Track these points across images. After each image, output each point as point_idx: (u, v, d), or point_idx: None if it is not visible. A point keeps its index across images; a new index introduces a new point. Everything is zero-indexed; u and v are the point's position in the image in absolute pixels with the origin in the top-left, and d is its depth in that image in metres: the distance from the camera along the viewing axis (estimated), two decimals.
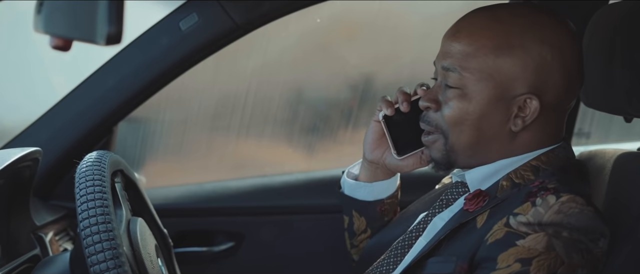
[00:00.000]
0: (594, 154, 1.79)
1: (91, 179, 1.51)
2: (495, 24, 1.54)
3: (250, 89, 2.95)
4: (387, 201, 1.82)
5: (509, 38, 1.52)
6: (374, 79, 3.02)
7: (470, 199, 1.56)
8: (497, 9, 1.58)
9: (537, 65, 1.51)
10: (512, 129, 1.55)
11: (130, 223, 1.60)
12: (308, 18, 2.79)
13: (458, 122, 1.55)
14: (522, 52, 1.51)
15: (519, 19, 1.54)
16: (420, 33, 2.90)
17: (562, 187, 1.48)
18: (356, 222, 1.84)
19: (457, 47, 1.54)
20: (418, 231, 1.66)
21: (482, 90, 1.53)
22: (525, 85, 1.52)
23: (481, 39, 1.53)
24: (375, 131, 1.75)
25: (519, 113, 1.53)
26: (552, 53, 1.52)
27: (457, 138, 1.56)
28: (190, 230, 2.44)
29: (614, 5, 1.72)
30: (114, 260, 1.38)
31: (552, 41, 1.52)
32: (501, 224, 1.45)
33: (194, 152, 3.02)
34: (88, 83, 2.22)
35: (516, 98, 1.53)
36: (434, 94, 1.59)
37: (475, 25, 1.55)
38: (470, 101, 1.53)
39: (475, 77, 1.53)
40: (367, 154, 1.77)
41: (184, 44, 2.19)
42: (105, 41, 1.12)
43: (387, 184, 1.82)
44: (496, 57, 1.52)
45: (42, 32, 1.18)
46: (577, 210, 1.43)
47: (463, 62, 1.53)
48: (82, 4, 1.14)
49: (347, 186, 1.84)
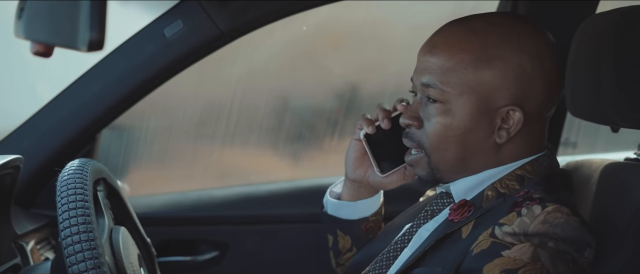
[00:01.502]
0: (580, 164, 1.79)
1: (73, 188, 1.49)
2: (472, 37, 1.52)
3: (236, 96, 2.94)
4: (372, 218, 1.81)
5: (487, 50, 1.51)
6: (360, 88, 3.02)
7: (455, 210, 1.55)
8: (473, 20, 1.56)
9: (517, 76, 1.51)
10: (497, 141, 1.54)
11: (112, 232, 1.59)
12: (294, 26, 2.78)
13: (442, 139, 1.54)
14: (502, 63, 1.50)
15: (496, 29, 1.53)
16: (406, 42, 2.91)
17: (547, 197, 1.47)
18: (341, 241, 1.83)
19: (435, 62, 1.53)
20: (403, 242, 1.65)
21: (464, 104, 1.51)
22: (507, 96, 1.51)
23: (459, 52, 1.51)
24: (356, 149, 1.73)
25: (503, 125, 1.53)
26: (531, 62, 1.51)
27: (442, 156, 1.55)
28: (174, 239, 2.43)
29: (601, 15, 1.72)
30: (96, 270, 1.37)
31: (531, 50, 1.52)
32: (487, 235, 1.44)
33: (178, 161, 3.01)
34: (71, 90, 2.21)
35: (499, 110, 1.52)
36: (415, 110, 1.58)
37: (451, 39, 1.54)
38: (454, 116, 1.52)
39: (456, 91, 1.51)
40: (350, 173, 1.75)
41: (168, 51, 2.18)
42: (87, 47, 1.11)
43: (370, 202, 1.80)
44: (476, 70, 1.51)
45: (23, 38, 1.17)
46: (562, 220, 1.42)
47: (442, 77, 1.52)
48: (63, 10, 1.12)
49: (330, 206, 1.82)
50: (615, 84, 1.59)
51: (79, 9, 1.11)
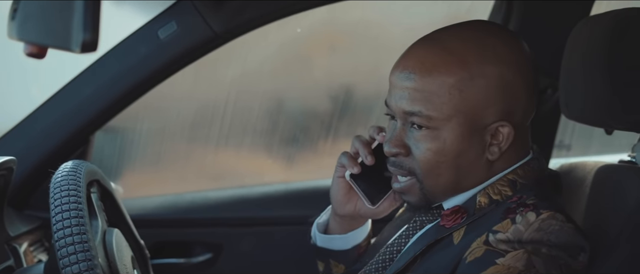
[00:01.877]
0: (574, 166, 1.79)
1: (66, 189, 1.49)
2: (450, 58, 1.46)
3: (230, 98, 2.94)
4: (364, 243, 1.78)
5: (468, 68, 1.46)
6: (354, 90, 3.02)
7: (448, 215, 1.53)
8: (445, 37, 1.51)
9: (500, 88, 1.47)
10: (489, 158, 1.51)
11: (106, 234, 1.59)
12: (288, 28, 2.78)
13: (434, 165, 1.49)
14: (484, 79, 1.46)
15: (471, 45, 1.48)
16: (400, 44, 2.90)
17: (541, 204, 1.46)
18: (334, 268, 1.79)
19: (415, 88, 1.47)
20: (392, 253, 1.62)
21: (453, 128, 1.47)
22: (495, 111, 1.48)
23: (439, 76, 1.45)
24: (341, 186, 1.68)
25: (493, 141, 1.50)
26: (511, 71, 1.48)
27: (435, 181, 1.51)
28: (168, 241, 2.43)
29: (594, 18, 1.73)
30: (89, 271, 1.37)
31: (509, 58, 1.48)
32: (480, 242, 1.43)
33: (172, 163, 3.01)
34: (64, 92, 2.21)
35: (488, 127, 1.49)
36: (400, 139, 1.51)
37: (428, 63, 1.47)
38: (444, 141, 1.48)
39: (443, 115, 1.46)
40: (339, 211, 1.71)
41: (162, 52, 2.18)
42: (81, 49, 1.11)
43: (361, 230, 1.77)
44: (461, 92, 1.46)
45: (16, 39, 1.17)
46: (557, 227, 1.42)
47: (427, 103, 1.46)
48: (57, 11, 1.12)
49: (319, 239, 1.79)
50: (609, 87, 1.59)
51: (73, 10, 1.11)
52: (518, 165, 1.54)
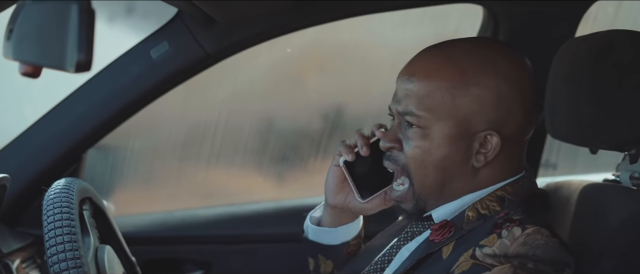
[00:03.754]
0: (560, 185, 1.81)
1: (59, 206, 1.50)
2: (450, 64, 1.53)
3: (221, 117, 2.95)
4: (353, 242, 1.81)
5: (465, 76, 1.52)
6: (343, 109, 3.03)
7: (436, 230, 1.56)
8: (450, 46, 1.58)
9: (495, 101, 1.52)
10: (475, 165, 1.55)
11: (98, 251, 1.59)
12: (278, 48, 2.80)
13: (421, 163, 1.54)
14: (479, 89, 1.51)
15: (473, 55, 1.54)
16: (389, 65, 2.92)
17: (527, 219, 1.48)
18: (323, 265, 1.82)
19: (412, 89, 1.54)
20: (383, 263, 1.65)
21: (441, 129, 1.52)
22: (485, 121, 1.52)
23: (437, 79, 1.52)
24: (336, 175, 1.72)
25: (481, 149, 1.54)
26: (509, 87, 1.52)
27: (423, 182, 1.56)
28: (159, 258, 2.43)
29: (579, 39, 1.75)
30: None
31: (509, 75, 1.53)
32: (467, 256, 1.45)
33: (163, 181, 3.01)
34: (58, 110, 2.22)
35: (477, 135, 1.53)
36: (394, 134, 1.58)
37: (429, 66, 1.54)
38: (432, 141, 1.53)
39: (434, 117, 1.52)
40: (330, 200, 1.74)
41: (154, 72, 2.19)
42: (75, 68, 1.12)
43: (351, 227, 1.80)
44: (453, 97, 1.51)
45: (12, 59, 1.18)
46: (542, 242, 1.43)
47: (420, 104, 1.53)
48: (52, 31, 1.13)
49: (311, 232, 1.82)
50: (594, 107, 1.61)
51: (67, 30, 1.12)
52: (507, 182, 1.57)
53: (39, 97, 2.36)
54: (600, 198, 1.66)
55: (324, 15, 2.27)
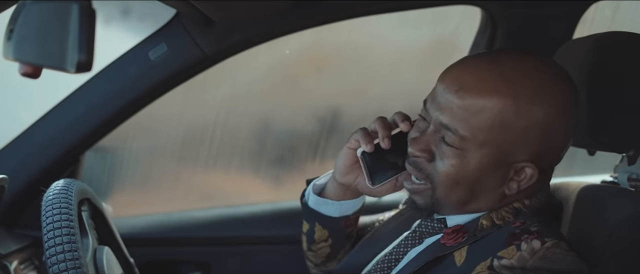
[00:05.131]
0: (558, 186, 1.81)
1: (58, 207, 1.50)
2: (505, 86, 1.43)
3: (219, 119, 2.95)
4: (353, 216, 1.78)
5: (518, 103, 1.43)
6: (341, 111, 3.03)
7: (450, 234, 1.54)
8: (506, 63, 1.47)
9: (541, 132, 1.45)
10: (506, 192, 1.51)
11: (96, 252, 1.59)
12: (277, 49, 2.80)
13: (452, 181, 1.48)
14: (529, 121, 1.44)
15: (529, 79, 1.44)
16: (388, 66, 2.93)
17: (545, 231, 1.46)
18: (318, 232, 1.79)
19: (460, 105, 1.45)
20: (390, 262, 1.63)
21: (482, 155, 1.46)
22: (527, 153, 1.46)
23: (489, 102, 1.43)
24: (348, 157, 1.65)
25: (515, 177, 1.49)
26: (557, 117, 1.46)
27: (447, 194, 1.51)
28: (157, 260, 2.43)
29: (576, 41, 1.76)
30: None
31: (560, 105, 1.46)
32: (484, 266, 1.44)
33: (161, 182, 3.01)
34: (56, 111, 2.21)
35: (515, 164, 1.47)
36: (427, 143, 1.50)
37: (483, 85, 1.44)
38: (469, 163, 1.46)
39: (477, 141, 1.45)
40: (339, 178, 1.69)
41: (152, 73, 2.19)
42: (76, 69, 1.12)
43: (354, 202, 1.76)
44: (501, 124, 1.43)
45: (12, 59, 1.18)
46: (560, 256, 1.43)
47: (465, 124, 1.44)
48: (52, 31, 1.14)
49: (312, 199, 1.77)
50: (592, 109, 1.62)
51: (68, 30, 1.12)
52: (526, 195, 1.53)
53: (37, 99, 2.36)
54: (598, 199, 1.67)
55: (322, 16, 2.27)
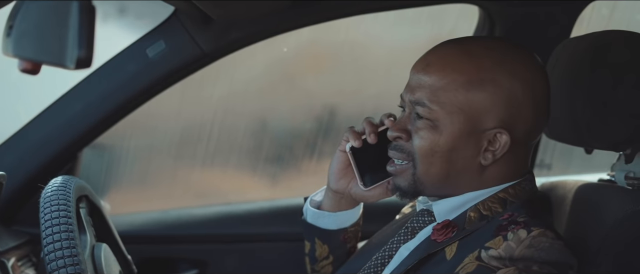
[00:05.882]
0: (555, 185, 1.82)
1: (56, 204, 1.50)
2: (467, 58, 1.52)
3: (216, 117, 2.95)
4: (351, 229, 1.82)
5: (480, 73, 1.51)
6: (338, 110, 3.03)
7: (439, 230, 1.56)
8: (469, 42, 1.58)
9: (507, 100, 1.51)
10: (482, 163, 1.54)
11: (94, 249, 1.59)
12: (274, 47, 2.80)
13: (428, 153, 1.53)
14: (493, 86, 1.51)
15: (491, 53, 1.53)
16: (384, 65, 2.93)
17: (532, 221, 1.48)
18: (318, 249, 1.83)
19: (427, 81, 1.53)
20: (384, 258, 1.65)
21: (452, 123, 1.52)
22: (496, 119, 1.52)
23: (452, 73, 1.52)
24: (340, 160, 1.72)
25: (489, 147, 1.53)
26: (522, 88, 1.51)
27: (427, 170, 1.55)
28: (155, 257, 2.43)
29: (574, 39, 1.76)
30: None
31: (524, 76, 1.52)
32: (472, 258, 1.45)
33: (158, 180, 3.01)
34: (53, 108, 2.21)
35: (486, 132, 1.52)
36: (403, 124, 1.58)
37: (445, 59, 1.54)
38: (441, 133, 1.52)
39: (445, 110, 1.52)
40: (332, 184, 1.74)
41: (150, 70, 2.18)
42: (75, 65, 1.12)
43: (350, 214, 1.80)
44: (467, 92, 1.51)
45: (12, 56, 1.18)
46: (547, 244, 1.44)
47: (433, 96, 1.52)
48: (52, 28, 1.14)
49: (310, 214, 1.82)
50: (589, 107, 1.62)
51: (68, 27, 1.12)
52: (510, 184, 1.56)
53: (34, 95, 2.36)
54: (595, 198, 1.67)
55: (320, 14, 2.27)
